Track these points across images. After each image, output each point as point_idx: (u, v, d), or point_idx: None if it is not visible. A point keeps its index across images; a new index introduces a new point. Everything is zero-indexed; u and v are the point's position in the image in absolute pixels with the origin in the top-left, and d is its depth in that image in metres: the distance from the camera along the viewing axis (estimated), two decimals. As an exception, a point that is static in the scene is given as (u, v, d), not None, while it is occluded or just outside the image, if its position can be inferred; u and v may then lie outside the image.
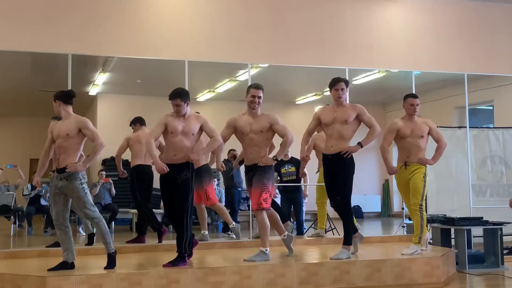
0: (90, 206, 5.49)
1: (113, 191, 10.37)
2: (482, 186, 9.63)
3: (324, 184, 6.95)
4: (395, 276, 6.00)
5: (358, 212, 13.59)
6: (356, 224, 6.79)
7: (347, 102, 6.33)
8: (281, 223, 6.42)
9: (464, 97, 9.49)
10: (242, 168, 6.78)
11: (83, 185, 5.47)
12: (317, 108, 6.54)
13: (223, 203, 9.98)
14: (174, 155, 5.66)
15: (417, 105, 6.63)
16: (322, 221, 8.09)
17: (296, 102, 13.55)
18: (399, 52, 9.54)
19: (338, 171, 6.10)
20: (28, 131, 14.26)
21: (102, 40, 8.12)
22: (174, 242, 5.83)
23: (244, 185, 9.76)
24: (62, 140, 5.46)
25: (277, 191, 9.24)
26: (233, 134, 6.17)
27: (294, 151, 6.18)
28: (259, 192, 5.91)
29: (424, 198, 6.53)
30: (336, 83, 6.19)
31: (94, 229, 7.09)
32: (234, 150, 9.50)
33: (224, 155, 9.05)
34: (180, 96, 5.70)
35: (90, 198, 5.55)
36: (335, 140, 6.10)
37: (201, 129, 5.77)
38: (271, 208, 6.14)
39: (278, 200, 9.09)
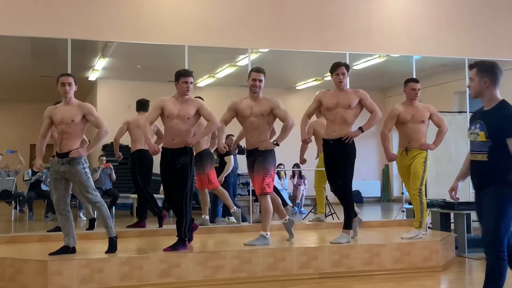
0: (92, 191, 5.51)
1: (114, 176, 10.39)
2: (482, 171, 9.61)
3: (322, 169, 6.97)
4: (395, 260, 6.04)
5: (358, 197, 13.63)
6: (356, 208, 6.82)
7: (348, 87, 6.33)
8: (282, 207, 6.45)
9: (465, 82, 9.45)
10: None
11: (86, 170, 5.48)
12: (318, 92, 6.53)
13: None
14: (173, 140, 5.67)
15: (419, 89, 6.61)
16: (322, 206, 8.11)
17: (296, 87, 13.52)
18: (399, 36, 9.49)
19: (339, 156, 6.10)
20: (28, 116, 14.24)
21: (102, 25, 8.07)
22: (174, 226, 5.86)
23: (240, 171, 9.78)
24: (66, 126, 5.46)
25: None
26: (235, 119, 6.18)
27: (295, 135, 6.17)
28: (262, 177, 5.92)
29: (424, 182, 6.53)
30: (337, 67, 6.18)
31: (95, 214, 7.14)
32: (232, 135, 9.49)
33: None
34: (192, 74, 5.74)
35: (92, 182, 5.57)
36: (338, 125, 6.10)
37: (198, 113, 5.76)
38: (273, 192, 6.16)
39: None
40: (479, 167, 3.97)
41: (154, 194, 7.82)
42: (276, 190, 7.31)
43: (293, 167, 11.92)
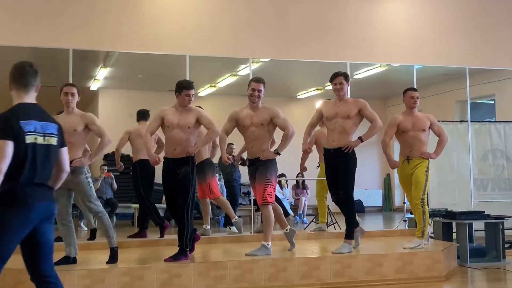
0: (94, 200, 5.51)
1: (115, 185, 10.38)
2: (484, 180, 9.62)
3: (324, 178, 6.97)
4: (397, 270, 6.01)
5: (359, 207, 13.58)
6: (357, 218, 6.81)
7: (349, 96, 6.33)
8: (283, 217, 6.43)
9: (466, 91, 9.46)
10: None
11: (89, 179, 5.49)
12: (321, 102, 6.55)
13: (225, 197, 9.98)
14: (174, 149, 5.67)
15: (417, 97, 6.62)
16: (323, 215, 8.10)
17: (297, 97, 13.53)
18: (400, 46, 9.51)
19: (340, 166, 6.10)
20: (29, 126, 14.24)
21: (103, 35, 8.11)
22: (176, 236, 5.84)
23: (242, 180, 9.76)
24: (68, 135, 5.43)
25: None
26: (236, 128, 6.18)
27: (296, 145, 6.17)
28: (263, 187, 5.91)
29: (426, 192, 6.52)
30: (334, 77, 6.22)
31: (96, 223, 7.13)
32: (232, 143, 9.45)
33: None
34: (193, 85, 5.75)
35: (94, 192, 5.57)
36: (337, 135, 6.10)
37: (198, 122, 5.76)
38: (275, 202, 6.15)
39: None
40: None
41: (156, 204, 7.82)
42: (277, 199, 7.31)
43: (296, 177, 11.90)
